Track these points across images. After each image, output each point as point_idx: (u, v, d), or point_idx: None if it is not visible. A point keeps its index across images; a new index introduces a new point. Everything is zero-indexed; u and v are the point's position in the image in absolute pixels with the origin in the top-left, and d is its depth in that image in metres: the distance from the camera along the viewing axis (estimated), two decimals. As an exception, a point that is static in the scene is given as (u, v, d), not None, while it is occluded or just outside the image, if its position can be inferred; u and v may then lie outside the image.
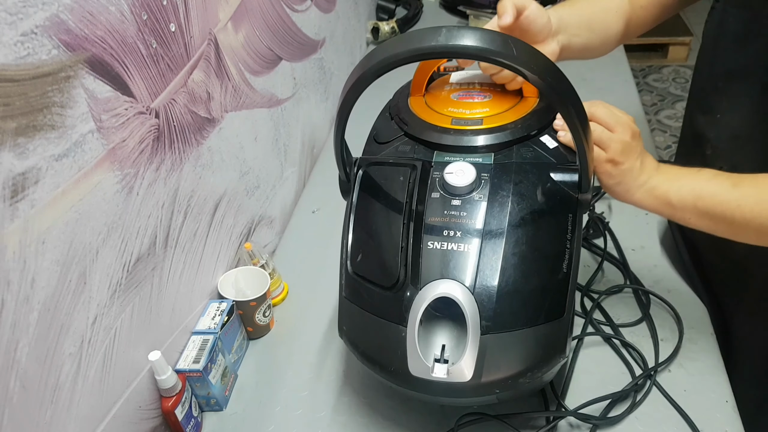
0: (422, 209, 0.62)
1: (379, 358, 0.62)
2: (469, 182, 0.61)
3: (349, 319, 0.65)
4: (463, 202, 0.62)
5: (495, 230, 0.60)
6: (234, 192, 0.89)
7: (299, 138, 1.16)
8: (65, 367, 0.56)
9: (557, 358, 0.61)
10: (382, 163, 0.68)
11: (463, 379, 0.58)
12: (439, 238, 0.61)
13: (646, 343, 0.79)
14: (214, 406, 0.77)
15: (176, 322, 0.75)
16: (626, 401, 0.72)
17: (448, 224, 0.61)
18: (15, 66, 0.48)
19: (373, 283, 0.63)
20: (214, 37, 0.80)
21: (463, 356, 0.58)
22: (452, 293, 0.58)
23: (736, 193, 0.59)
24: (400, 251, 0.61)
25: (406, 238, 0.62)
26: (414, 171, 0.64)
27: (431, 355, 0.59)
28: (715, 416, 0.70)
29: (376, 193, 0.67)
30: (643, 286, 0.86)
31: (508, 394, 0.63)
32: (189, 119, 0.75)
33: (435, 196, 0.63)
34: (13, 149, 0.48)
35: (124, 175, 0.63)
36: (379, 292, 0.62)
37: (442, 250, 0.60)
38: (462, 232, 0.61)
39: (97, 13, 0.57)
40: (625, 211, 0.99)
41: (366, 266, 0.64)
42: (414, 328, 0.59)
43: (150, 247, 0.68)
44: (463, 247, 0.60)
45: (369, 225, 0.66)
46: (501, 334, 0.58)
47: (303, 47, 1.15)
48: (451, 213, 0.62)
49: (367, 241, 0.65)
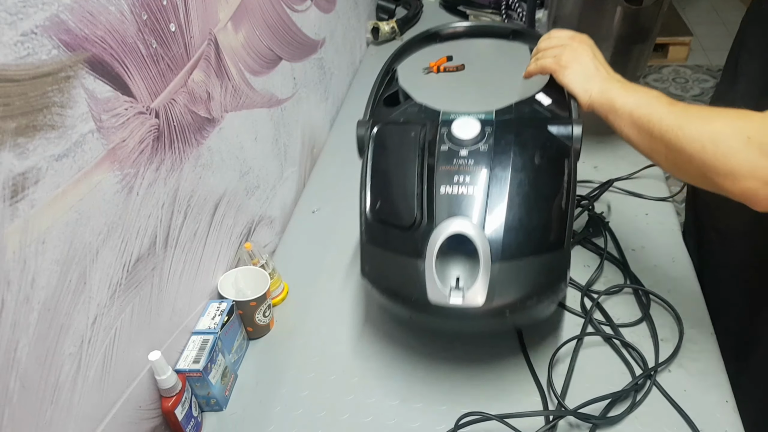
0: (433, 160, 0.70)
1: (401, 290, 0.70)
2: (474, 134, 0.70)
3: (371, 260, 0.73)
4: (470, 153, 0.70)
5: (500, 175, 0.68)
6: (234, 192, 0.89)
7: (299, 138, 1.16)
8: (65, 366, 0.56)
9: (559, 284, 0.69)
10: (394, 123, 0.77)
11: (476, 304, 0.65)
12: (451, 183, 0.69)
13: (646, 343, 0.79)
14: (214, 406, 0.77)
15: (176, 322, 0.75)
16: (626, 401, 0.72)
17: (458, 171, 0.69)
18: (15, 66, 0.48)
19: (392, 225, 0.71)
20: (214, 37, 0.80)
21: (476, 283, 0.65)
22: (465, 230, 0.66)
23: (666, 110, 0.62)
24: (416, 196, 0.69)
25: (421, 185, 0.70)
26: (424, 128, 0.73)
27: (448, 285, 0.66)
28: (715, 416, 0.70)
29: (390, 148, 0.75)
30: (643, 286, 0.86)
31: (517, 317, 0.72)
32: (189, 119, 0.75)
33: (444, 148, 0.71)
34: (13, 149, 0.48)
35: (124, 175, 0.63)
36: (398, 233, 0.70)
37: (453, 194, 0.68)
38: (471, 177, 0.68)
39: (97, 13, 0.57)
40: (625, 211, 0.99)
41: (385, 212, 0.72)
42: (432, 261, 0.66)
43: (150, 247, 0.68)
44: (472, 191, 0.68)
45: (386, 176, 0.74)
46: (508, 263, 0.66)
47: (303, 47, 1.15)
48: (460, 162, 0.69)
49: (384, 190, 0.73)
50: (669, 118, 0.60)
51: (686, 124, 0.58)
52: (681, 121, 0.59)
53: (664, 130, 0.60)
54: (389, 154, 0.75)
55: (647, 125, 0.62)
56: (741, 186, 0.55)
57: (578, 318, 0.83)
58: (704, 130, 0.57)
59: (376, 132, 0.76)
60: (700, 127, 0.57)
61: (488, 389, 0.76)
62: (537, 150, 0.70)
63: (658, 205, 1.00)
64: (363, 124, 0.77)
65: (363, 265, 0.74)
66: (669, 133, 0.60)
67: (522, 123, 0.72)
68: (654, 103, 0.63)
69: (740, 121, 0.56)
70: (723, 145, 0.55)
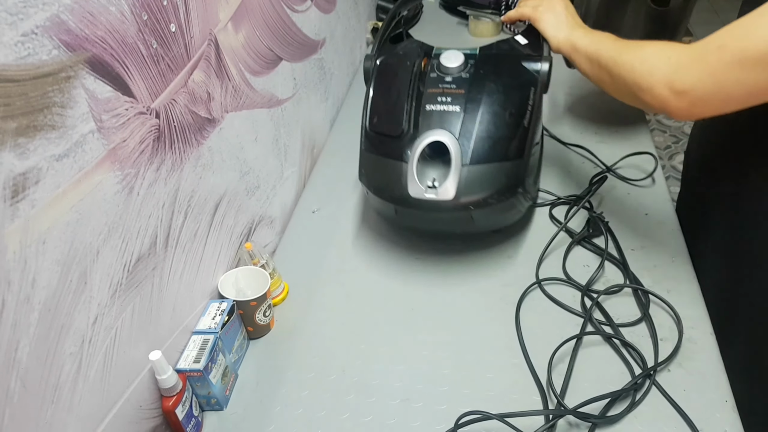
0: (423, 84, 0.86)
1: (388, 187, 0.85)
2: (458, 64, 0.86)
3: (367, 165, 0.89)
4: (454, 79, 0.85)
5: (475, 96, 0.83)
6: (234, 192, 0.89)
7: (299, 138, 1.16)
8: (66, 366, 0.56)
9: (516, 188, 0.83)
10: (395, 55, 0.92)
11: (447, 197, 0.80)
12: (435, 103, 0.83)
13: (646, 342, 0.79)
14: (214, 405, 0.77)
15: (177, 321, 0.76)
16: (625, 400, 0.72)
17: (443, 93, 0.84)
18: (15, 66, 0.48)
19: (385, 135, 0.86)
20: (215, 38, 0.81)
21: (447, 181, 0.80)
22: (442, 138, 0.81)
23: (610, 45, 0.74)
24: (405, 112, 0.84)
25: (410, 103, 0.84)
26: (419, 59, 0.88)
27: (425, 184, 0.81)
28: (715, 416, 0.70)
29: (389, 75, 0.90)
30: (643, 286, 0.86)
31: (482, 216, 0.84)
32: (189, 119, 0.75)
33: (432, 75, 0.86)
34: (14, 149, 0.49)
35: (125, 175, 0.63)
36: (389, 141, 0.85)
37: (437, 110, 0.83)
38: (451, 98, 0.83)
39: (97, 14, 0.57)
40: (625, 212, 0.99)
41: (380, 124, 0.87)
42: (413, 163, 0.82)
43: (150, 247, 0.68)
44: (452, 108, 0.82)
45: (383, 97, 0.89)
46: (476, 166, 0.81)
47: (303, 47, 1.15)
48: (444, 86, 0.84)
49: (381, 107, 0.88)
50: (611, 50, 0.73)
51: (623, 52, 0.70)
52: (620, 51, 0.71)
53: (606, 60, 0.73)
54: (388, 80, 0.90)
55: (596, 58, 0.75)
56: (657, 97, 0.64)
57: (578, 318, 0.84)
58: (636, 55, 0.68)
59: (379, 63, 0.92)
60: (633, 53, 0.68)
61: (488, 389, 0.76)
62: (508, 78, 0.85)
63: (657, 205, 1.00)
64: (370, 58, 0.93)
65: (360, 170, 0.90)
66: (609, 60, 0.72)
67: (500, 57, 0.88)
68: (603, 40, 0.76)
69: (666, 46, 0.65)
70: (648, 64, 0.65)
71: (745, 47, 0.57)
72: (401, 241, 1.00)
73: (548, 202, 1.04)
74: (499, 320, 0.85)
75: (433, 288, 0.91)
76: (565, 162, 1.13)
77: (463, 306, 0.88)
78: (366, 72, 0.92)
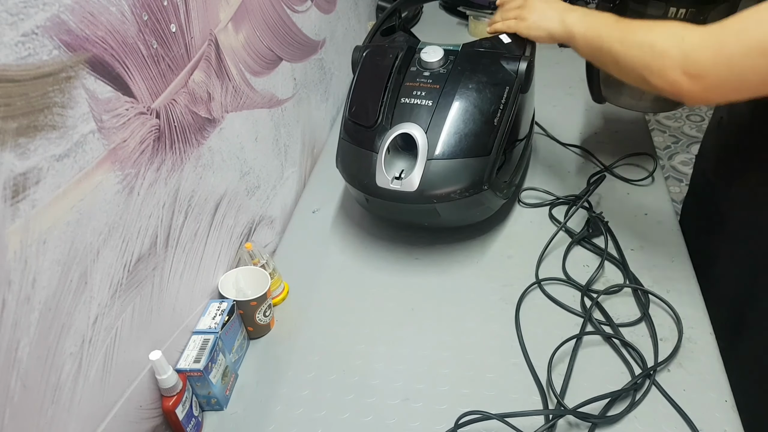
0: (402, 77, 0.88)
1: (359, 176, 0.87)
2: (437, 59, 0.87)
3: (343, 153, 0.91)
4: (432, 74, 0.87)
5: (450, 92, 0.84)
6: (234, 192, 0.89)
7: (299, 138, 1.16)
8: (66, 366, 0.56)
9: (480, 185, 0.84)
10: (380, 47, 0.93)
11: (411, 189, 0.82)
12: (410, 96, 0.85)
13: (646, 342, 0.79)
14: (214, 405, 0.77)
15: (177, 321, 0.76)
16: (625, 400, 0.72)
17: (419, 88, 0.86)
18: (16, 66, 0.48)
19: (360, 125, 0.88)
20: (215, 38, 0.81)
21: (413, 173, 0.82)
22: (411, 131, 0.83)
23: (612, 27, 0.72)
24: (381, 103, 0.86)
25: (387, 95, 0.86)
26: (402, 52, 0.89)
27: (392, 175, 0.84)
28: (714, 415, 0.70)
29: (373, 66, 0.92)
30: (642, 286, 0.86)
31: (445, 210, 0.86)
32: (190, 119, 0.75)
33: (412, 69, 0.88)
34: (14, 149, 0.49)
35: (125, 175, 0.63)
36: (363, 131, 0.87)
37: (411, 104, 0.85)
38: (426, 93, 0.85)
39: (97, 14, 0.57)
40: (625, 212, 0.99)
41: (358, 113, 0.89)
42: (382, 154, 0.84)
43: (151, 247, 0.69)
44: (425, 102, 0.84)
45: (364, 87, 0.91)
46: (441, 161, 0.82)
47: (303, 48, 1.15)
48: (422, 80, 0.86)
49: (361, 97, 0.91)
50: (615, 32, 0.71)
51: (630, 33, 0.68)
52: (625, 33, 0.69)
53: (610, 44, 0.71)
54: (370, 71, 0.91)
55: (598, 44, 0.73)
56: (669, 80, 0.62)
57: (578, 318, 0.84)
58: (645, 37, 0.65)
59: (365, 54, 0.94)
60: (641, 34, 0.66)
61: (488, 389, 0.76)
62: (483, 76, 0.85)
63: (657, 205, 1.00)
64: (359, 49, 0.95)
65: (337, 157, 0.92)
66: (615, 44, 0.70)
67: (480, 55, 0.88)
68: (604, 23, 0.74)
69: (678, 27, 0.63)
70: (659, 46, 0.63)
71: None
72: (401, 241, 1.00)
73: (547, 202, 1.04)
74: (499, 320, 0.85)
75: (432, 288, 0.91)
76: (565, 162, 1.13)
77: (463, 306, 0.88)
78: (353, 62, 0.94)
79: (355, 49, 0.94)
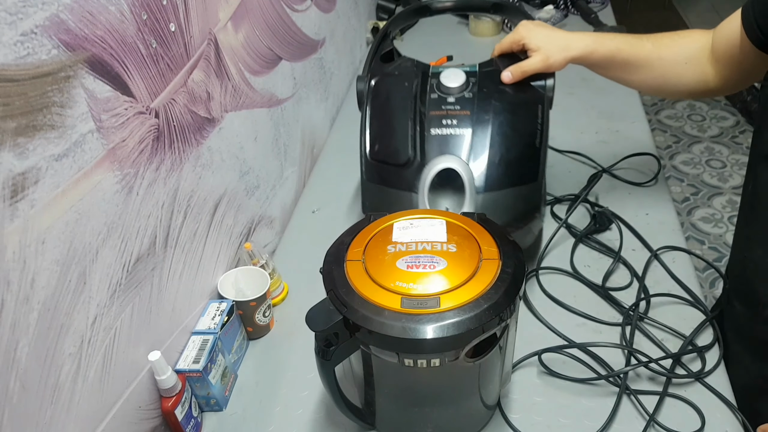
0: (424, 106, 0.80)
1: None
2: (460, 83, 0.80)
3: (372, 197, 0.82)
4: (457, 99, 0.80)
5: (483, 117, 0.78)
6: (234, 192, 0.89)
7: (299, 138, 1.16)
8: (65, 367, 0.56)
9: (534, 213, 0.79)
10: (390, 75, 0.85)
11: None
12: (440, 126, 0.78)
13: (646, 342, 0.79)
14: (213, 406, 0.77)
15: (176, 322, 0.75)
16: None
17: (447, 116, 0.78)
18: (15, 66, 0.48)
19: (390, 164, 0.79)
20: (214, 37, 0.80)
21: (462, 210, 0.74)
22: (452, 165, 0.75)
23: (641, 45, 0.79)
24: (410, 138, 0.78)
25: (414, 128, 0.78)
26: (416, 79, 0.82)
27: None
28: (715, 415, 0.70)
29: (387, 97, 0.83)
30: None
31: None
32: (189, 119, 0.75)
33: (434, 96, 0.81)
34: (13, 149, 0.48)
35: (124, 175, 0.63)
36: (394, 170, 0.79)
37: (443, 135, 0.77)
38: (457, 120, 0.78)
39: (96, 13, 0.57)
40: (626, 211, 0.99)
41: (383, 152, 0.80)
42: (424, 193, 0.76)
43: (150, 247, 0.68)
44: (458, 132, 0.77)
45: (383, 122, 0.82)
46: (491, 194, 0.75)
47: (303, 47, 1.15)
48: (448, 107, 0.79)
49: (382, 134, 0.81)
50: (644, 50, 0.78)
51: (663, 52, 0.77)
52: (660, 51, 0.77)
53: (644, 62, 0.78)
54: (386, 102, 0.83)
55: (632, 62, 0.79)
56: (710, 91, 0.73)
57: (579, 317, 0.83)
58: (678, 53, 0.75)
59: (374, 84, 0.85)
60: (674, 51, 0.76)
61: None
62: (514, 96, 0.80)
63: (658, 205, 1.00)
64: (362, 79, 0.85)
65: (364, 201, 0.83)
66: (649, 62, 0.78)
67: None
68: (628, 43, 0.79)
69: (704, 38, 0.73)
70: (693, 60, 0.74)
71: None
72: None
73: (547, 202, 1.03)
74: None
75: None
76: (565, 163, 1.12)
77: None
78: (359, 94, 0.85)
79: (359, 79, 0.86)
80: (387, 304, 0.54)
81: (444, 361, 0.55)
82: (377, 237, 0.62)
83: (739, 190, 2.21)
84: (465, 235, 0.60)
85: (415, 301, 0.53)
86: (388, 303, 0.54)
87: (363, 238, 0.62)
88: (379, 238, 0.62)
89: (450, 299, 0.53)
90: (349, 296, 0.56)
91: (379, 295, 0.55)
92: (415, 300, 0.53)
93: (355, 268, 0.58)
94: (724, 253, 1.97)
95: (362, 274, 0.57)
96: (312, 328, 0.57)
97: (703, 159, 2.38)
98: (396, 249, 0.59)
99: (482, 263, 0.57)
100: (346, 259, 0.60)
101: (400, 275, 0.56)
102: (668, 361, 0.75)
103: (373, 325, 0.53)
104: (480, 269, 0.56)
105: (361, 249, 0.60)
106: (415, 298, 0.54)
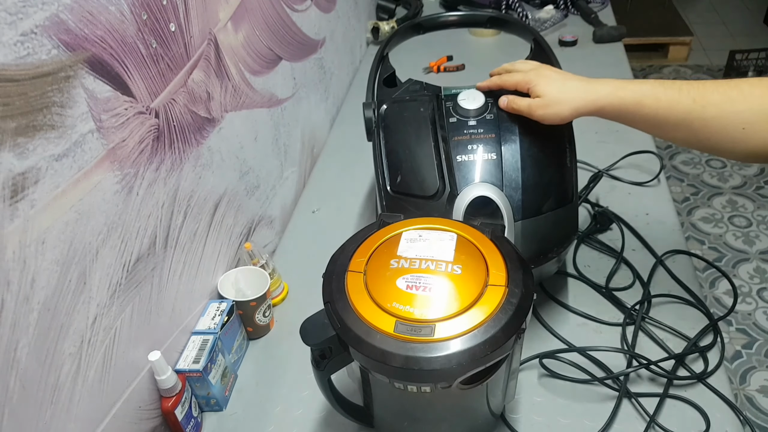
0: (444, 132, 0.74)
1: None
2: (480, 105, 0.74)
3: None
4: (478, 122, 0.74)
5: (511, 140, 0.73)
6: (234, 192, 0.89)
7: (299, 138, 1.16)
8: (65, 367, 0.56)
9: (572, 236, 0.75)
10: (401, 100, 0.79)
11: None
12: (466, 152, 0.72)
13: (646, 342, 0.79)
14: (213, 406, 0.77)
15: (176, 322, 0.75)
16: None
17: (471, 141, 0.73)
18: (15, 66, 0.48)
19: (416, 196, 0.73)
20: (214, 37, 0.80)
21: None
22: (485, 192, 0.70)
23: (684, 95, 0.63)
24: (436, 167, 0.73)
25: (438, 156, 0.73)
26: (430, 103, 0.77)
27: None
28: (715, 415, 0.70)
29: (402, 125, 0.78)
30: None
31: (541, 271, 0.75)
32: (189, 119, 0.75)
33: (453, 120, 0.75)
34: (13, 149, 0.48)
35: (124, 175, 0.63)
36: (423, 203, 0.73)
37: (470, 161, 0.72)
38: (483, 145, 0.73)
39: (96, 13, 0.57)
40: (626, 211, 0.99)
41: (406, 184, 0.74)
42: None
43: (150, 247, 0.68)
44: (487, 156, 0.72)
45: (402, 151, 0.76)
46: (530, 220, 0.71)
47: (303, 47, 1.15)
48: (471, 131, 0.74)
49: (403, 164, 0.75)
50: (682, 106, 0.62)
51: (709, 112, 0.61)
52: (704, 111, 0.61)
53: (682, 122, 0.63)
54: (402, 130, 0.77)
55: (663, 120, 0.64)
56: None
57: (579, 317, 0.83)
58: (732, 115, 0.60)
59: (384, 111, 0.79)
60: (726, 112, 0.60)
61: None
62: None
63: (658, 205, 1.00)
64: (369, 105, 0.80)
65: None
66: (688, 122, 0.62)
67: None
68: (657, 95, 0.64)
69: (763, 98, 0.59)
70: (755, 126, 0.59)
71: None
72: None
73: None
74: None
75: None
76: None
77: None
78: (368, 122, 0.79)
79: (365, 105, 0.80)
80: (380, 326, 0.52)
81: (435, 388, 0.54)
82: (382, 248, 0.60)
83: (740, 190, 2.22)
84: (474, 255, 0.58)
85: (409, 327, 0.52)
86: (382, 325, 0.52)
87: (369, 245, 0.60)
88: (384, 249, 0.59)
89: (445, 328, 0.51)
90: (344, 312, 0.54)
91: (374, 314, 0.53)
92: (410, 326, 0.51)
93: (355, 281, 0.57)
94: (725, 253, 1.97)
95: (361, 289, 0.56)
96: (306, 342, 0.56)
97: (703, 159, 2.38)
98: (399, 265, 0.57)
99: (487, 289, 0.54)
100: (348, 268, 0.58)
101: (399, 295, 0.54)
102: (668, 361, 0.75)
103: (363, 348, 0.52)
104: (483, 295, 0.54)
105: (365, 260, 0.59)
106: (409, 324, 0.52)
